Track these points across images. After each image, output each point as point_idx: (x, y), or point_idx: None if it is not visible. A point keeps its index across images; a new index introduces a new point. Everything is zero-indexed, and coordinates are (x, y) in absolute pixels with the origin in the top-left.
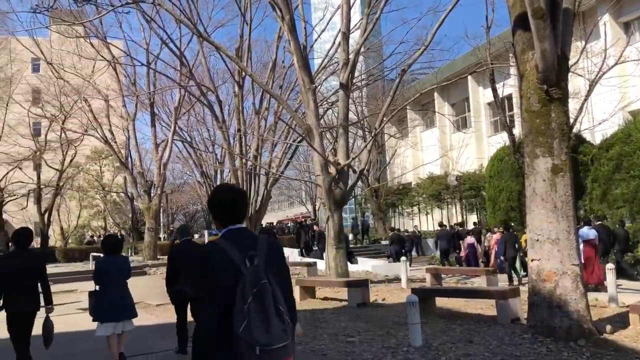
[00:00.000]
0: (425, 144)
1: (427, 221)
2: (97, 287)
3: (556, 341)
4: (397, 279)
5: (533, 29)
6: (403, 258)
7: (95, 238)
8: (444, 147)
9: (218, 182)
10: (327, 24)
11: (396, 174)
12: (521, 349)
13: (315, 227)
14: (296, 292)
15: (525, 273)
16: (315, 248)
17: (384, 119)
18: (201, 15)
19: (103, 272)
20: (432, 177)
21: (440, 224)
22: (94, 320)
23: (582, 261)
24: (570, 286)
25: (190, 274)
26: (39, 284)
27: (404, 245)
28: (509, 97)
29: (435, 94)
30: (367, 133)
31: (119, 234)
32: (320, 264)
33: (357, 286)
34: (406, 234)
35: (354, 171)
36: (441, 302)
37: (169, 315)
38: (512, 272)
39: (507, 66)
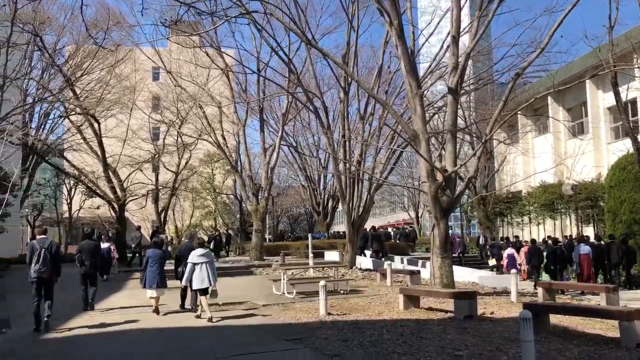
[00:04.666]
0: (538, 151)
1: (539, 232)
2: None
3: None
4: (506, 292)
5: None
6: (513, 270)
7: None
8: (558, 154)
9: (322, 187)
10: (435, 27)
11: (505, 182)
12: None
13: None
14: (399, 300)
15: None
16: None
17: (495, 125)
18: (309, 23)
19: (148, 258)
20: (545, 186)
21: (548, 238)
22: (143, 287)
23: (579, 271)
24: None
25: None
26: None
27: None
28: (633, 102)
29: (550, 99)
30: (475, 139)
31: (223, 233)
32: (424, 273)
33: (464, 298)
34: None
35: (461, 178)
36: (555, 319)
37: (275, 316)
38: (536, 278)
39: (632, 68)
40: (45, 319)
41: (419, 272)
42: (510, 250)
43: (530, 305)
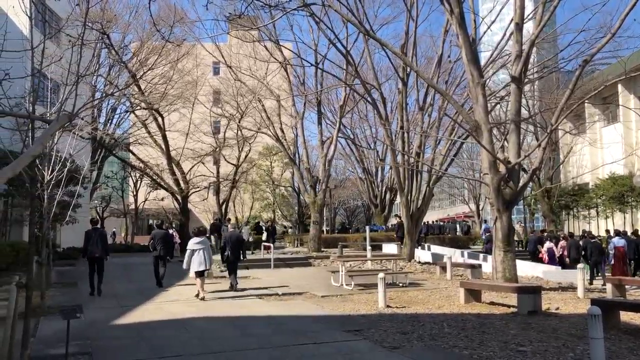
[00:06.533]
0: (606, 141)
1: (607, 225)
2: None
3: None
4: (572, 288)
5: None
6: (580, 265)
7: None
8: (629, 145)
9: (379, 179)
10: (498, 15)
11: (571, 174)
12: None
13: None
14: (460, 294)
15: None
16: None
17: (561, 114)
18: (367, 14)
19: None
20: (614, 178)
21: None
22: (185, 268)
23: (612, 262)
24: None
25: (230, 245)
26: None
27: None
28: None
29: (620, 86)
30: (539, 129)
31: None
32: (485, 267)
33: (528, 292)
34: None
35: (525, 170)
36: (626, 316)
37: (334, 307)
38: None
39: None
40: (99, 287)
41: (480, 265)
42: (549, 244)
43: (599, 301)
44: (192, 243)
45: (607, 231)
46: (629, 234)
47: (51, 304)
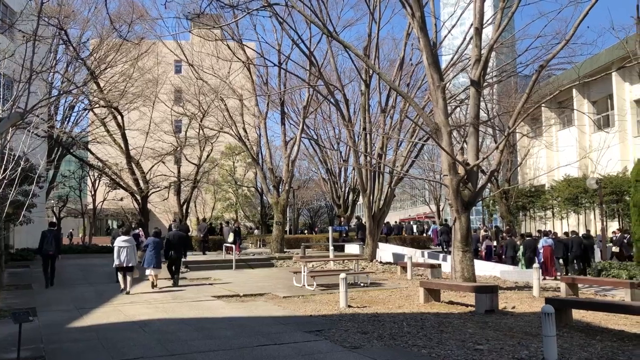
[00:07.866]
0: (562, 144)
1: (562, 226)
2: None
3: None
4: (528, 287)
5: None
6: (535, 265)
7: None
8: (583, 148)
9: (342, 180)
10: (458, 19)
11: (528, 176)
12: None
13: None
14: (420, 294)
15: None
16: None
17: (519, 117)
18: (331, 15)
19: (147, 244)
20: (569, 180)
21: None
22: (142, 266)
23: (542, 260)
24: None
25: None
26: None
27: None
28: None
29: (574, 91)
30: (498, 132)
31: (236, 225)
32: (445, 266)
33: (486, 292)
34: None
35: (483, 172)
36: (578, 314)
37: (296, 308)
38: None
39: None
40: (51, 280)
41: (439, 265)
42: (488, 242)
43: (553, 300)
44: (119, 241)
45: (539, 231)
46: (559, 234)
47: (2, 307)
